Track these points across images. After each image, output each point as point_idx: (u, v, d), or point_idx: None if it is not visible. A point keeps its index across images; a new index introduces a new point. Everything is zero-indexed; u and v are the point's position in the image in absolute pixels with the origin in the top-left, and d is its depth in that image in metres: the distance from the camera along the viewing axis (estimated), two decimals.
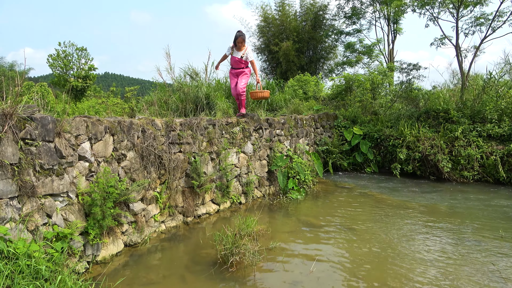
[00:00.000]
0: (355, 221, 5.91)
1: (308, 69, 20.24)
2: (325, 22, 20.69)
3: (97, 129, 4.30)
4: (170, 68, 8.11)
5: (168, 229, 5.47)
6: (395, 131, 9.99)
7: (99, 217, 4.00)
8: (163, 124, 5.52)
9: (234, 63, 7.12)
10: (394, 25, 17.57)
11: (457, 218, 6.06)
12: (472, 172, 8.78)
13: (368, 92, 11.99)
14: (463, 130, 9.10)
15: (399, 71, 12.79)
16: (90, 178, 4.23)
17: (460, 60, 11.64)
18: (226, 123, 6.83)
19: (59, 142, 3.76)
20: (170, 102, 7.68)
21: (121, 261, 4.35)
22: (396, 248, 4.76)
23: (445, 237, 5.15)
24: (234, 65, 7.13)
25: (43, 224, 3.52)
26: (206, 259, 4.41)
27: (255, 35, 21.84)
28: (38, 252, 2.99)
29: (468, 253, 4.57)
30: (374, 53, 17.94)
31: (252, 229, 4.70)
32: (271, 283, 3.83)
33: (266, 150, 7.87)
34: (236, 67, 7.13)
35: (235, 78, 7.21)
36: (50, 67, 24.47)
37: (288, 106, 11.13)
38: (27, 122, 3.43)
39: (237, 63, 7.07)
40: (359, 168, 10.58)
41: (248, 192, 7.12)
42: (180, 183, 5.74)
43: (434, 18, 12.52)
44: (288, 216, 6.33)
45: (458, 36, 11.54)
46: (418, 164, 9.44)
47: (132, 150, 4.89)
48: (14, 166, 3.24)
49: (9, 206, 3.16)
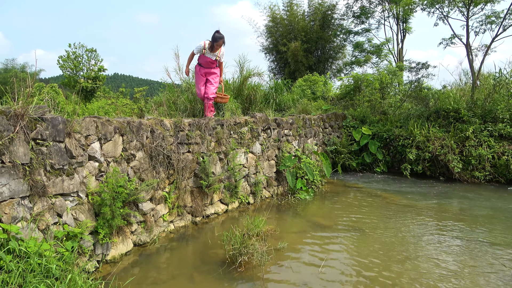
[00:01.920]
0: (364, 222, 5.86)
1: (317, 69, 20.18)
2: (334, 22, 20.61)
3: (106, 129, 4.33)
4: (179, 68, 8.13)
5: (177, 229, 5.49)
6: (405, 131, 9.90)
7: (108, 216, 4.03)
8: (172, 124, 5.55)
9: (204, 63, 6.66)
10: (404, 24, 17.41)
11: (468, 219, 5.99)
12: (484, 172, 8.66)
13: (377, 92, 11.91)
14: (474, 129, 8.98)
15: (408, 70, 12.67)
16: (100, 178, 4.26)
17: (470, 59, 11.48)
18: (234, 123, 6.83)
19: (69, 142, 3.79)
20: (179, 103, 7.70)
21: (131, 260, 4.38)
22: (406, 249, 4.72)
23: (456, 238, 5.09)
24: (205, 64, 6.68)
25: (53, 223, 3.56)
26: (215, 259, 4.42)
27: (263, 35, 21.87)
28: (49, 251, 3.03)
29: (480, 255, 4.50)
30: (383, 52, 17.82)
31: (261, 229, 4.69)
32: (280, 283, 3.82)
33: (274, 150, 7.86)
34: (207, 67, 6.70)
35: (203, 77, 6.76)
36: (61, 68, 24.74)
37: (296, 106, 11.09)
38: (38, 123, 3.47)
39: (208, 63, 6.66)
40: (368, 169, 10.50)
41: (256, 192, 7.11)
42: (188, 183, 5.76)
43: (444, 16, 12.38)
44: (297, 216, 6.31)
45: (468, 34, 11.39)
46: (428, 164, 9.34)
47: (141, 150, 4.92)
48: (26, 166, 3.28)
49: (21, 205, 3.20)
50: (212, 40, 6.41)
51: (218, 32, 6.40)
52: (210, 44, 6.47)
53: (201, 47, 6.51)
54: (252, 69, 9.06)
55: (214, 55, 6.59)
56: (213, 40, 6.39)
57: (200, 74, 6.76)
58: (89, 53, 25.35)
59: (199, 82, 6.78)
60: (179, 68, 8.15)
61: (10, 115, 3.20)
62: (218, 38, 6.37)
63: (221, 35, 6.40)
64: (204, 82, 6.77)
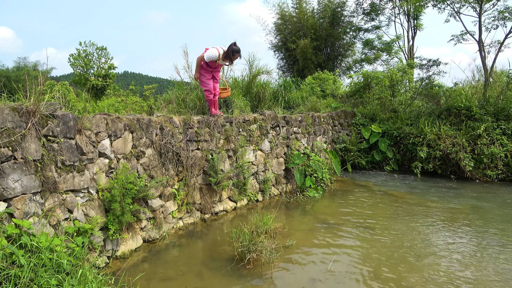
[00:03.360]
0: (373, 220, 5.82)
1: (326, 66, 20.07)
2: (343, 19, 20.48)
3: (116, 126, 4.37)
4: (188, 66, 8.16)
5: (186, 225, 5.52)
6: (415, 129, 9.79)
7: (118, 213, 4.06)
8: (181, 121, 5.57)
9: (214, 65, 6.31)
10: (414, 21, 17.20)
11: (479, 218, 5.90)
12: (496, 171, 8.53)
13: (387, 89, 11.79)
14: (486, 127, 8.84)
15: (419, 67, 12.51)
16: (110, 175, 4.30)
17: (483, 55, 11.29)
18: (243, 120, 6.83)
19: (80, 139, 3.83)
20: (188, 100, 7.73)
21: (140, 256, 4.41)
22: (416, 247, 4.67)
23: (467, 238, 5.02)
24: (213, 66, 6.32)
25: (64, 219, 3.59)
26: (223, 256, 4.43)
27: (272, 32, 21.81)
28: (59, 246, 3.05)
29: (491, 255, 4.44)
30: (393, 49, 17.60)
31: (269, 226, 4.69)
32: (288, 280, 3.82)
33: (283, 147, 7.84)
34: (214, 67, 6.36)
35: (210, 76, 6.42)
36: (71, 66, 25.00)
37: (305, 103, 11.05)
38: (49, 120, 3.51)
39: (218, 66, 6.40)
40: (377, 167, 10.42)
41: (265, 190, 7.11)
42: (197, 180, 5.78)
43: (456, 12, 12.19)
44: (305, 214, 6.29)
45: (481, 31, 11.19)
46: (439, 162, 9.22)
47: (150, 147, 4.94)
48: (37, 162, 3.32)
49: (33, 201, 3.24)
50: (229, 52, 6.04)
51: (235, 44, 6.05)
52: (225, 55, 6.08)
53: (214, 56, 6.04)
54: (261, 67, 9.07)
55: (227, 62, 6.32)
56: (230, 53, 6.04)
57: (208, 74, 6.40)
58: (100, 51, 25.57)
59: (207, 78, 6.38)
60: (188, 66, 8.18)
61: (22, 112, 3.24)
62: (235, 52, 6.03)
63: (237, 48, 6.05)
64: (211, 78, 6.46)
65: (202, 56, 6.16)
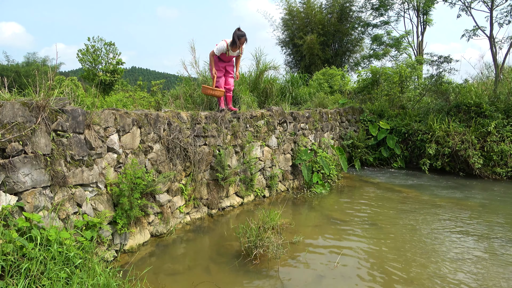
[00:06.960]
0: (380, 217, 5.80)
1: (334, 62, 19.93)
2: (352, 14, 20.26)
3: (125, 121, 4.39)
4: (195, 62, 8.17)
5: (193, 220, 5.55)
6: (424, 125, 9.70)
7: (126, 207, 4.10)
8: (189, 117, 5.58)
9: (225, 58, 6.40)
10: (424, 16, 16.98)
11: (488, 216, 5.84)
12: (506, 168, 8.43)
13: (395, 86, 11.68)
14: (496, 124, 8.72)
15: (429, 64, 12.36)
16: (118, 170, 4.33)
17: (494, 51, 11.12)
18: (250, 116, 6.83)
19: (88, 134, 3.86)
20: (195, 96, 7.74)
21: (148, 250, 4.45)
22: (423, 245, 4.64)
23: (475, 236, 4.98)
24: (225, 59, 6.42)
25: (73, 213, 3.64)
26: (230, 251, 4.45)
27: (279, 28, 21.70)
28: (69, 240, 3.09)
29: (499, 253, 4.39)
30: (402, 45, 17.44)
31: (276, 222, 4.69)
32: (295, 276, 3.83)
33: (290, 143, 7.83)
34: (227, 61, 6.48)
35: (222, 70, 6.51)
36: (80, 62, 25.12)
37: (312, 99, 10.99)
38: (59, 114, 3.54)
39: (229, 58, 6.45)
40: (385, 164, 10.36)
41: (272, 186, 7.11)
42: (205, 175, 5.80)
43: (467, 8, 12.02)
44: (312, 210, 6.28)
45: (492, 26, 11.02)
46: (447, 159, 9.14)
47: (158, 142, 4.97)
48: (47, 157, 3.36)
49: (42, 195, 3.28)
50: (234, 38, 6.10)
51: (239, 29, 6.12)
52: (232, 43, 6.14)
53: (223, 48, 6.18)
54: (268, 63, 9.03)
55: (236, 52, 6.37)
56: (236, 38, 6.09)
57: (222, 68, 6.49)
58: (108, 47, 25.66)
59: (218, 76, 6.45)
60: (196, 62, 8.18)
61: (32, 106, 3.27)
62: (240, 36, 6.09)
63: (242, 32, 6.12)
64: (223, 73, 6.54)
65: (213, 52, 6.29)
